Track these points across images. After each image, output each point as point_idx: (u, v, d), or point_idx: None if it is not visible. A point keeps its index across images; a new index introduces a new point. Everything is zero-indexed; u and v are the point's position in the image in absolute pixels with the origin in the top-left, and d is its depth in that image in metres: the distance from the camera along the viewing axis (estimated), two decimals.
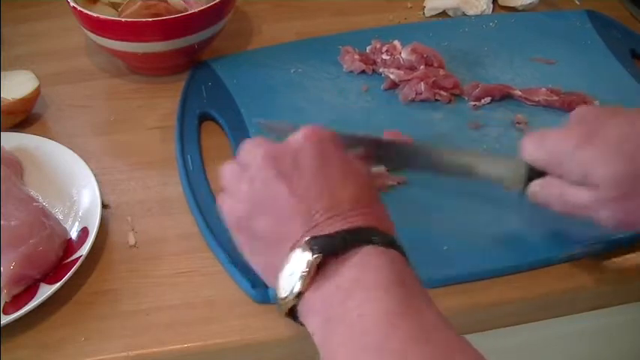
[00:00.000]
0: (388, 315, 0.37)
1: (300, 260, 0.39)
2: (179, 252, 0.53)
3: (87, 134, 0.64)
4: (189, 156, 0.60)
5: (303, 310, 0.40)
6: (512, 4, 0.79)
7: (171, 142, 0.62)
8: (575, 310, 0.53)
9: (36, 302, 0.47)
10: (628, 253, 0.52)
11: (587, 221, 0.47)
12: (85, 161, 0.57)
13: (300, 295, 0.39)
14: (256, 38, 0.75)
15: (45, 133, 0.62)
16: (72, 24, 0.69)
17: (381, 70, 0.67)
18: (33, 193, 0.56)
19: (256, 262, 0.45)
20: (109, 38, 0.65)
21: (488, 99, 0.65)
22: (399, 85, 0.66)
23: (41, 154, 0.59)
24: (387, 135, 0.59)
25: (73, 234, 0.53)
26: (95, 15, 0.64)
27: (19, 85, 0.63)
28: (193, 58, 0.70)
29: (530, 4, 0.79)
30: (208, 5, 0.65)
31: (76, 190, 0.56)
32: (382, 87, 0.66)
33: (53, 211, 0.54)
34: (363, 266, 0.39)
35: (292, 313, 0.40)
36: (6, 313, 0.47)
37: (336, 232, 0.40)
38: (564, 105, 0.64)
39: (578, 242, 0.52)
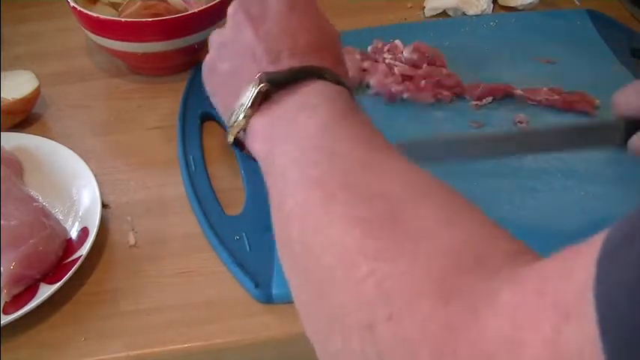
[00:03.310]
0: (334, 119, 0.38)
1: (249, 93, 0.41)
2: (179, 252, 0.53)
3: (87, 134, 0.64)
4: (191, 156, 0.59)
5: (249, 135, 0.41)
6: (512, 4, 0.79)
7: (171, 142, 0.62)
8: None
9: (36, 302, 0.47)
10: None
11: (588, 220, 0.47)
12: (85, 161, 0.57)
13: (246, 121, 0.41)
14: None
15: (45, 133, 0.62)
16: (72, 24, 0.69)
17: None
18: (33, 193, 0.55)
19: (216, 102, 0.47)
20: (109, 38, 0.65)
21: (489, 98, 0.65)
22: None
23: (41, 154, 0.59)
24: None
25: (73, 234, 0.52)
26: (95, 15, 0.64)
27: (19, 85, 0.63)
28: (194, 57, 0.70)
29: (530, 3, 0.79)
30: (208, 5, 0.65)
31: (76, 190, 0.56)
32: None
33: (53, 211, 0.54)
34: (311, 93, 0.40)
35: (239, 142, 0.43)
36: (6, 313, 0.47)
37: (289, 69, 0.41)
38: (565, 104, 0.64)
39: (579, 241, 0.52)
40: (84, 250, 0.50)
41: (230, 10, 0.47)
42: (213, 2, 0.65)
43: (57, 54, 0.73)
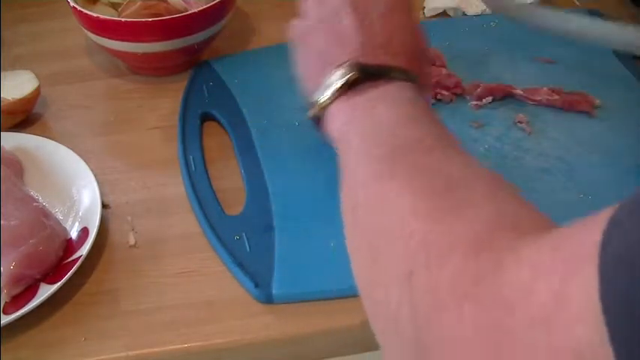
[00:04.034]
0: (410, 114, 0.41)
1: (339, 76, 0.43)
2: (179, 252, 0.53)
3: (87, 134, 0.64)
4: (191, 156, 0.59)
5: (329, 115, 0.44)
6: None
7: (171, 142, 0.62)
8: None
9: (36, 302, 0.47)
10: None
11: None
12: (85, 161, 0.57)
13: (330, 102, 0.44)
14: (257, 38, 0.75)
15: (45, 133, 0.62)
16: (72, 24, 0.69)
17: None
18: (33, 193, 0.55)
19: (302, 72, 0.49)
20: (109, 38, 0.65)
21: (489, 98, 0.65)
22: None
23: (41, 154, 0.59)
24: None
25: (73, 234, 0.52)
26: (95, 15, 0.64)
27: (19, 85, 0.63)
28: (193, 58, 0.70)
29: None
30: (208, 5, 0.65)
31: (76, 190, 0.56)
32: None
33: (53, 211, 0.54)
34: (394, 90, 0.43)
35: (318, 120, 0.45)
36: (6, 313, 0.47)
37: (383, 65, 0.44)
38: (565, 104, 0.64)
39: None
40: (84, 250, 0.50)
41: None
42: (213, 2, 0.65)
43: (57, 54, 0.73)
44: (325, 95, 0.44)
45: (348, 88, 0.43)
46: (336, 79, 0.43)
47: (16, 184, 0.54)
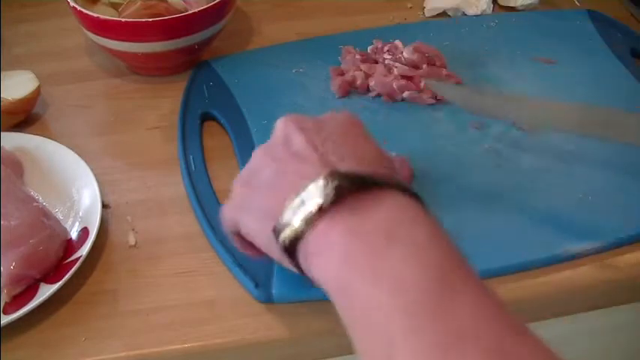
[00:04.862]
0: (427, 244, 0.33)
1: (317, 190, 0.34)
2: (179, 252, 0.53)
3: (87, 134, 0.64)
4: (191, 156, 0.60)
5: (311, 245, 0.34)
6: (512, 4, 0.79)
7: (171, 142, 0.62)
8: (573, 310, 0.53)
9: (36, 302, 0.47)
10: (629, 252, 0.52)
11: (588, 220, 0.47)
12: (85, 161, 0.57)
13: (306, 225, 0.34)
14: (257, 38, 0.75)
15: (45, 133, 0.62)
16: (72, 24, 0.69)
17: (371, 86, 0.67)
18: (33, 193, 0.55)
19: (251, 213, 0.40)
20: (109, 38, 0.65)
21: None
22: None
23: (41, 154, 0.59)
24: None
25: (73, 234, 0.52)
26: (95, 15, 0.64)
27: (19, 85, 0.63)
28: (193, 58, 0.70)
29: (530, 4, 0.79)
30: (208, 5, 0.65)
31: (76, 190, 0.56)
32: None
33: (53, 211, 0.54)
34: (396, 210, 0.34)
35: (291, 249, 0.35)
36: (6, 313, 0.47)
37: (359, 173, 0.35)
38: None
39: (579, 241, 0.52)
40: (84, 251, 0.50)
41: (279, 124, 0.43)
42: (213, 2, 0.66)
43: (57, 54, 0.73)
44: (297, 215, 0.33)
45: (332, 204, 0.33)
46: (312, 195, 0.33)
47: (16, 184, 0.54)
